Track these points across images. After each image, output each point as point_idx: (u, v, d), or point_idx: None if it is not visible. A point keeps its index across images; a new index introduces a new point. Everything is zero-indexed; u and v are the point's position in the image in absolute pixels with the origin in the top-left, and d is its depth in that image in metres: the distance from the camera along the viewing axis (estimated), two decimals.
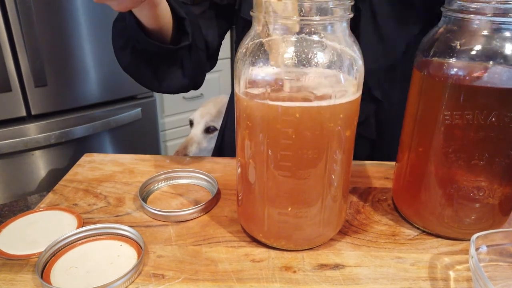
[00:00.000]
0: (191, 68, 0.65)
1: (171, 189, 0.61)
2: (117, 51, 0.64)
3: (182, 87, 0.67)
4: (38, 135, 1.36)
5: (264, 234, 0.47)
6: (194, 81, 0.68)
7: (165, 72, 0.64)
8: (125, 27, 0.61)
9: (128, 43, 0.62)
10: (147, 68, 0.64)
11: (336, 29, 0.40)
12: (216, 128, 1.26)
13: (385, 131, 0.71)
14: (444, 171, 0.47)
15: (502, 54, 0.41)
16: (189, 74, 0.66)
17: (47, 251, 0.45)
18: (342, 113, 0.41)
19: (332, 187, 0.45)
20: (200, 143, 1.25)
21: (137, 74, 0.65)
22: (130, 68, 0.65)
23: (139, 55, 0.62)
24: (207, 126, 1.27)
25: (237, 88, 0.43)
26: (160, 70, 0.64)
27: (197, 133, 1.26)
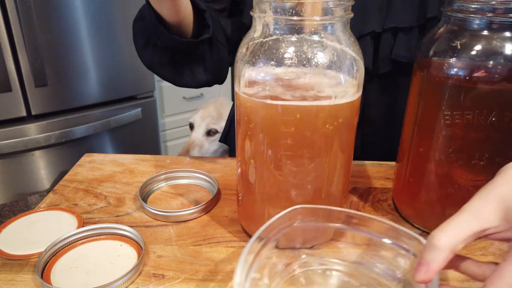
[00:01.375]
0: (212, 62, 0.65)
1: (171, 189, 0.61)
2: (139, 50, 0.64)
3: (206, 81, 0.67)
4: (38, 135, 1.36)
5: None
6: (217, 76, 0.68)
7: (187, 68, 0.65)
8: (145, 26, 0.61)
9: (149, 42, 0.62)
10: (170, 65, 0.64)
11: (336, 29, 0.40)
12: (217, 131, 1.26)
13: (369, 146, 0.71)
14: (444, 171, 0.47)
15: (502, 54, 0.41)
16: (211, 68, 0.66)
17: (47, 251, 0.46)
18: (342, 113, 0.41)
19: (332, 187, 0.45)
20: (202, 146, 1.25)
21: (160, 71, 0.65)
22: (153, 66, 0.65)
23: (160, 52, 0.62)
24: (209, 129, 1.26)
25: (237, 88, 0.43)
26: (182, 66, 0.65)
27: (198, 136, 1.26)
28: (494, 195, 0.30)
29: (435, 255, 0.30)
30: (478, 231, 0.29)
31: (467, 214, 0.30)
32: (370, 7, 0.62)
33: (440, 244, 0.29)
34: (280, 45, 0.39)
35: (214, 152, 1.27)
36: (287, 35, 0.39)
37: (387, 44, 0.64)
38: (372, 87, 0.67)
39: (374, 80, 0.67)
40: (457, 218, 0.30)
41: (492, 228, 0.30)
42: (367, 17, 0.62)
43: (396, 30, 0.62)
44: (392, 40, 0.63)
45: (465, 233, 0.29)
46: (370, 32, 0.62)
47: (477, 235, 0.30)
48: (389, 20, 0.62)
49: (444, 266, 0.30)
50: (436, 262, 0.30)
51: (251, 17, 0.42)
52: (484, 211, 0.30)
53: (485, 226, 0.29)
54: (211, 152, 1.26)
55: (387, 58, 0.64)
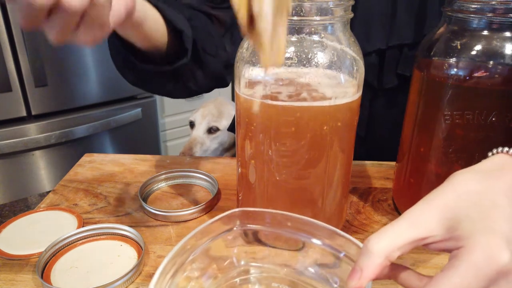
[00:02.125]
0: (203, 76, 0.61)
1: (171, 189, 0.61)
2: (119, 69, 0.59)
3: (201, 91, 0.64)
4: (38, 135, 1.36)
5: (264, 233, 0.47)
6: (214, 83, 0.64)
7: (174, 87, 0.60)
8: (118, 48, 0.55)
9: (126, 63, 0.57)
10: (154, 83, 0.60)
11: (336, 29, 0.40)
12: (218, 128, 1.27)
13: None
14: (444, 171, 0.47)
15: (502, 54, 0.41)
16: (202, 81, 0.61)
17: (47, 251, 0.45)
18: (342, 113, 0.41)
19: (332, 187, 0.45)
20: (204, 144, 1.25)
21: (146, 88, 0.62)
22: (137, 85, 0.61)
23: (141, 72, 0.57)
24: (210, 127, 1.27)
25: (237, 88, 0.43)
26: (167, 85, 0.60)
27: (199, 133, 1.27)
28: (438, 203, 0.29)
29: (368, 261, 0.28)
30: (416, 239, 0.28)
31: (406, 221, 0.28)
32: (374, 25, 0.62)
33: (374, 250, 0.28)
34: None
35: (215, 149, 1.27)
36: (287, 35, 0.39)
37: (392, 60, 0.64)
38: (377, 102, 0.67)
39: (380, 95, 0.67)
40: (396, 225, 0.29)
41: (431, 238, 0.28)
42: (372, 35, 0.62)
43: (401, 45, 0.63)
44: (397, 55, 0.64)
45: (401, 240, 0.28)
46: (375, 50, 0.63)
47: (415, 243, 0.28)
48: (393, 37, 0.62)
49: (378, 274, 0.29)
50: (369, 269, 0.28)
51: None
52: (425, 219, 0.28)
53: (423, 235, 0.28)
54: (212, 149, 1.27)
55: (392, 73, 0.64)
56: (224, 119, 1.28)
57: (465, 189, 0.29)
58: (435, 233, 0.28)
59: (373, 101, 0.67)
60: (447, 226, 0.28)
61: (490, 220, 0.27)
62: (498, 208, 0.27)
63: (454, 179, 0.30)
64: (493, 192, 0.28)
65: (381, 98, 0.67)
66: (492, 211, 0.27)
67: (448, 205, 0.28)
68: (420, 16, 0.61)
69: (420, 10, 0.61)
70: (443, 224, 0.28)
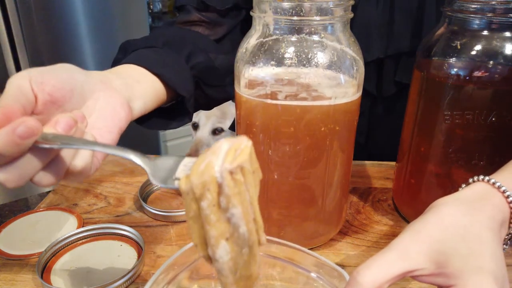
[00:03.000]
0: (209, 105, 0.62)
1: (171, 189, 0.61)
2: None
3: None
4: None
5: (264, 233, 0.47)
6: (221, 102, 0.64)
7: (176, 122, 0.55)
8: None
9: None
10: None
11: (336, 29, 0.40)
12: (223, 129, 1.27)
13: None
14: (444, 171, 0.47)
15: (502, 54, 0.41)
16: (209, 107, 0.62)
17: (47, 251, 0.45)
18: (342, 113, 0.41)
19: (332, 187, 0.45)
20: (209, 145, 1.26)
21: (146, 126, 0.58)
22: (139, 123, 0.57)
23: None
24: (214, 128, 1.27)
25: (237, 87, 0.43)
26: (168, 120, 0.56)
27: (204, 135, 1.27)
28: (425, 235, 0.29)
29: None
30: (404, 272, 0.28)
31: (395, 253, 0.28)
32: (372, 36, 0.62)
33: (363, 282, 0.27)
34: (280, 45, 0.39)
35: None
36: (287, 35, 0.39)
37: (391, 68, 0.64)
38: (377, 110, 0.68)
39: (379, 103, 0.68)
40: (385, 256, 0.28)
41: (419, 270, 0.28)
42: (371, 45, 0.62)
43: (399, 54, 0.63)
44: (395, 63, 0.64)
45: (390, 273, 0.28)
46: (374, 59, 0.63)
47: (403, 275, 0.28)
48: (391, 47, 0.63)
49: None
50: None
51: None
52: (412, 252, 0.28)
53: (412, 268, 0.28)
54: None
55: (391, 81, 0.65)
56: (228, 119, 1.28)
57: (452, 222, 0.29)
58: (424, 266, 0.28)
59: (372, 109, 0.68)
60: (436, 261, 0.28)
61: (478, 256, 0.28)
62: (484, 243, 0.28)
63: (439, 210, 0.30)
64: (478, 226, 0.29)
65: (380, 105, 0.68)
66: (479, 247, 0.28)
67: (436, 239, 0.29)
68: (417, 25, 0.62)
69: (417, 19, 0.62)
70: (432, 258, 0.28)
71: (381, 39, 0.63)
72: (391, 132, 0.67)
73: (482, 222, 0.29)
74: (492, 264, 0.27)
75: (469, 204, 0.30)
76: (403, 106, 0.52)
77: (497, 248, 0.29)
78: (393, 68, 0.64)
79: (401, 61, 0.64)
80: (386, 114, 0.69)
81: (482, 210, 0.30)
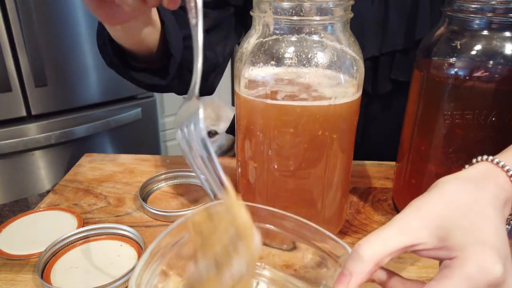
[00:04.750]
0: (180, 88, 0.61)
1: (171, 189, 0.61)
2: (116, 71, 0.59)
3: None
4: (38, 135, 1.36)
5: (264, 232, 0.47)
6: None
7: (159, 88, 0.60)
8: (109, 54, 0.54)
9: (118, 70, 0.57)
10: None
11: (336, 29, 0.40)
12: (217, 132, 1.26)
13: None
14: (444, 171, 0.47)
15: (502, 54, 0.41)
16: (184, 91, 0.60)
17: (47, 251, 0.45)
18: (342, 113, 0.41)
19: (332, 187, 0.45)
20: None
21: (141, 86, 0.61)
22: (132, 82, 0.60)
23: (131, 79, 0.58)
24: (208, 131, 1.27)
25: (237, 87, 0.43)
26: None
27: None
28: (427, 211, 0.29)
29: (358, 266, 0.28)
30: (406, 246, 0.28)
31: (397, 228, 0.29)
32: (367, 33, 0.63)
33: (365, 255, 0.28)
34: (280, 45, 0.39)
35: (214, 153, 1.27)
36: (287, 35, 0.39)
37: (386, 66, 0.65)
38: (372, 108, 0.68)
39: (374, 101, 0.68)
40: (386, 231, 0.29)
41: (420, 245, 0.28)
42: (365, 43, 0.63)
43: (393, 51, 0.64)
44: (390, 61, 0.65)
45: (391, 247, 0.28)
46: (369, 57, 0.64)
47: (404, 249, 0.29)
48: (385, 44, 0.63)
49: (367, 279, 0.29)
50: (358, 274, 0.28)
51: None
52: (414, 227, 0.28)
53: (413, 242, 0.28)
54: None
55: (386, 79, 0.65)
56: (222, 122, 1.28)
57: (454, 198, 0.29)
58: (425, 241, 0.28)
59: (368, 107, 0.68)
60: (438, 235, 0.28)
61: (481, 231, 0.28)
62: (487, 219, 0.28)
63: (442, 187, 0.30)
64: (481, 203, 0.29)
65: (376, 103, 0.68)
66: (482, 222, 0.28)
67: (438, 214, 0.29)
68: (411, 23, 0.62)
69: (411, 17, 0.62)
70: (434, 233, 0.28)
71: (375, 36, 0.63)
72: (387, 131, 0.67)
73: (486, 200, 0.29)
74: (495, 239, 0.27)
75: (472, 182, 0.30)
76: (399, 104, 0.52)
77: (500, 225, 0.28)
78: (388, 65, 0.65)
79: (395, 59, 0.64)
80: (382, 112, 0.69)
81: (485, 188, 0.30)
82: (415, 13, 0.61)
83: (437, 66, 0.45)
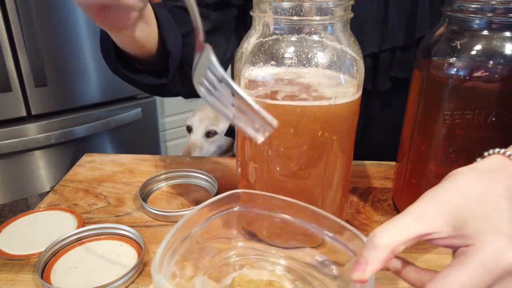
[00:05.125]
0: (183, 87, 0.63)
1: (171, 189, 0.61)
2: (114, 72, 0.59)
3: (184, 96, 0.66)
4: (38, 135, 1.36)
5: (264, 232, 0.47)
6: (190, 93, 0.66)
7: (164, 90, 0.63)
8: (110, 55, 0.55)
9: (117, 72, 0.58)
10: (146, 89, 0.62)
11: (336, 29, 0.40)
12: (216, 132, 1.26)
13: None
14: (444, 171, 0.46)
15: (502, 54, 0.41)
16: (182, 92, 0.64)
17: (47, 251, 0.45)
18: (342, 113, 0.41)
19: (332, 187, 0.45)
20: (202, 148, 1.25)
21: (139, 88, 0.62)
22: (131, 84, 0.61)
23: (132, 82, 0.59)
24: (207, 131, 1.27)
25: None
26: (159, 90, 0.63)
27: (198, 138, 1.27)
28: (442, 200, 0.29)
29: (374, 254, 0.29)
30: (420, 235, 0.29)
31: (412, 216, 0.29)
32: (367, 30, 0.63)
33: (380, 244, 0.28)
34: (280, 45, 0.39)
35: (213, 153, 1.27)
36: (287, 35, 0.39)
37: (386, 63, 0.65)
38: (372, 105, 0.68)
39: (374, 99, 0.68)
40: (401, 219, 0.29)
41: (435, 233, 0.29)
42: (365, 40, 0.63)
43: (393, 48, 0.64)
44: (390, 58, 0.65)
45: (407, 235, 0.28)
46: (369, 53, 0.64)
47: (419, 238, 0.29)
48: (386, 41, 0.63)
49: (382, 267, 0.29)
50: (374, 262, 0.29)
51: None
52: (429, 216, 0.29)
53: (428, 231, 0.29)
54: (211, 153, 1.27)
55: (386, 76, 0.65)
56: (222, 122, 1.28)
57: (469, 189, 0.30)
58: (440, 230, 0.29)
59: (368, 105, 0.68)
60: (453, 224, 0.28)
61: (496, 220, 0.28)
62: (501, 210, 0.28)
63: (456, 178, 0.31)
64: (495, 194, 0.29)
65: (376, 101, 0.68)
66: (496, 213, 0.28)
67: (453, 203, 0.29)
68: (410, 20, 0.62)
69: (411, 14, 0.62)
70: (449, 221, 0.29)
71: (375, 33, 0.63)
72: (386, 129, 0.67)
73: (498, 191, 0.29)
74: (509, 228, 0.28)
75: (485, 173, 0.31)
76: (399, 102, 0.52)
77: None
78: (388, 63, 0.65)
79: (395, 56, 0.64)
80: (382, 110, 0.69)
81: (498, 180, 0.30)
82: (415, 11, 0.62)
83: (437, 66, 0.45)
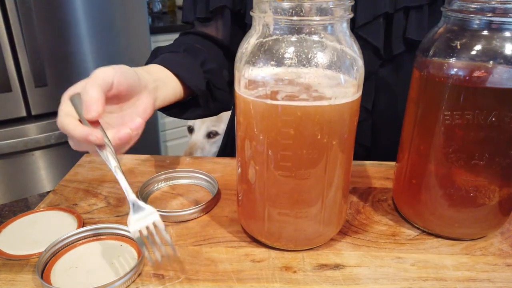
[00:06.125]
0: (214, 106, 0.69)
1: (171, 189, 0.61)
2: None
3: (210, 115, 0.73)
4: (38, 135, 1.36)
5: (264, 234, 0.47)
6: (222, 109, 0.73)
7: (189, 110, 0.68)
8: None
9: None
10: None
11: (336, 29, 0.40)
12: (218, 133, 1.27)
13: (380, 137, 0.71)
14: (444, 171, 0.47)
15: (502, 54, 0.41)
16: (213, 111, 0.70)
17: (47, 251, 0.46)
18: (342, 113, 0.41)
19: (332, 187, 0.45)
20: (204, 148, 1.26)
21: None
22: None
23: None
24: (209, 131, 1.27)
25: (237, 88, 0.43)
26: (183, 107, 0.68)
27: (199, 138, 1.27)
28: None
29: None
30: None
31: None
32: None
33: None
34: (280, 45, 0.39)
35: (214, 153, 1.27)
36: (287, 35, 0.39)
37: (400, 25, 0.64)
38: (384, 72, 0.67)
39: (387, 64, 0.67)
40: None
41: None
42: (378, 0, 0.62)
43: (407, 9, 0.63)
44: (404, 20, 0.64)
45: None
46: (382, 13, 0.63)
47: None
48: (399, 0, 0.63)
49: None
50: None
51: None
52: None
53: None
54: (212, 153, 1.27)
55: (399, 38, 0.65)
56: (223, 123, 1.28)
57: None
58: None
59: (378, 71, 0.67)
60: None
61: None
62: None
63: None
64: None
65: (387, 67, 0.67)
66: None
67: None
68: None
69: None
70: None
71: None
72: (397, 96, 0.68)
73: None
74: None
75: None
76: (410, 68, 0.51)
77: None
78: (402, 24, 0.64)
79: (409, 17, 0.64)
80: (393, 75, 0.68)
81: None
82: None
83: (437, 66, 0.45)
